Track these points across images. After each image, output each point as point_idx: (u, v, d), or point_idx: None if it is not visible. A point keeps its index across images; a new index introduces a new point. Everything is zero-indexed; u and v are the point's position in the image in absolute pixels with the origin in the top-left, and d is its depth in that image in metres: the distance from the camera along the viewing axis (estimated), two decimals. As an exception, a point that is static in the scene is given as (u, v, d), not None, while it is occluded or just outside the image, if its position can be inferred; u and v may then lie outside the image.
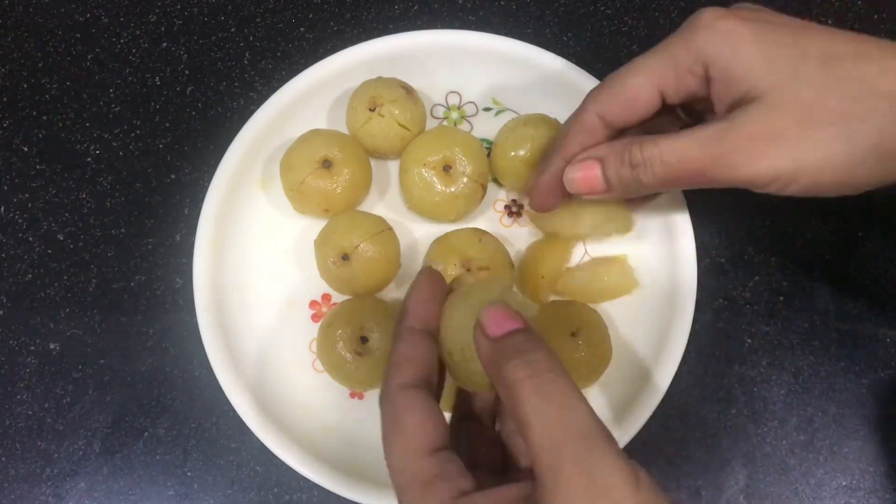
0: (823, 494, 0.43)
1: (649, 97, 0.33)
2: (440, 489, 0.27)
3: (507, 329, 0.28)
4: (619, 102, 0.34)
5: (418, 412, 0.29)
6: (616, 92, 0.34)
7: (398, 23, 0.51)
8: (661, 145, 0.32)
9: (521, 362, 0.27)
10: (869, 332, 0.45)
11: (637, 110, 0.34)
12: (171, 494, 0.44)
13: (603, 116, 0.34)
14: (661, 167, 0.32)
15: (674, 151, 0.32)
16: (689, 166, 0.32)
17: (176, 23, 0.51)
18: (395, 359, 0.30)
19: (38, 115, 0.50)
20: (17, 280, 0.47)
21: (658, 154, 0.32)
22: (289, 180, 0.43)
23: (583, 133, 0.35)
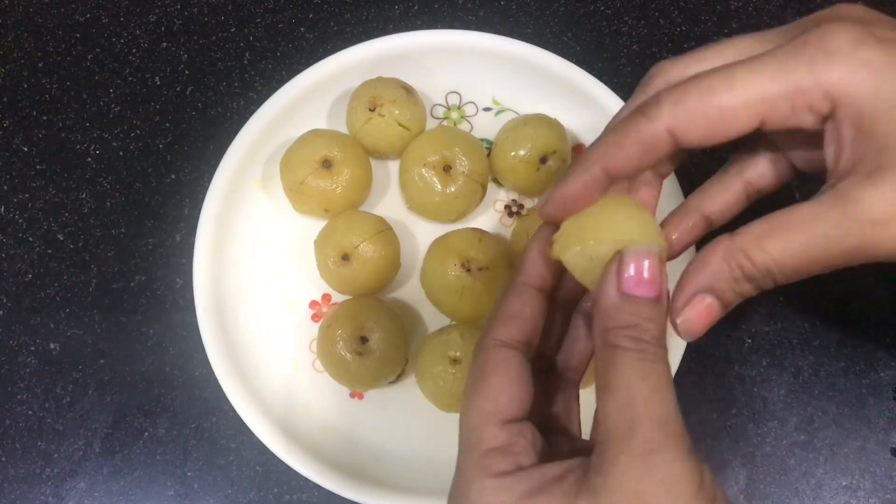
0: (823, 494, 0.43)
1: (746, 124, 0.26)
2: (498, 461, 0.25)
3: (641, 293, 0.25)
4: (706, 122, 0.26)
5: (505, 375, 0.27)
6: (705, 108, 0.26)
7: (398, 23, 0.51)
8: (775, 252, 0.25)
9: (632, 334, 0.25)
10: (869, 332, 0.45)
11: (725, 135, 0.26)
12: (171, 494, 0.44)
13: (676, 134, 0.26)
14: (782, 276, 0.26)
15: (794, 257, 0.25)
16: (816, 268, 0.26)
17: (176, 23, 0.51)
18: (501, 312, 0.28)
19: (38, 115, 0.50)
20: (17, 280, 0.47)
21: (775, 263, 0.25)
22: (289, 180, 0.43)
23: (641, 145, 0.27)
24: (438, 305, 0.43)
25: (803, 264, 0.25)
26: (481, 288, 0.41)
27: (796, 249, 0.25)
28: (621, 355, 0.25)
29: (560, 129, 0.44)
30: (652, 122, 0.26)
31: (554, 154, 0.43)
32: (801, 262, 0.25)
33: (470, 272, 0.41)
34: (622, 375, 0.24)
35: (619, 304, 0.26)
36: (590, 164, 0.27)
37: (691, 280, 0.27)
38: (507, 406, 0.27)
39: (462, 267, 0.41)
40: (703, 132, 0.26)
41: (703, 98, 0.26)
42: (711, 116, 0.26)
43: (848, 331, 0.45)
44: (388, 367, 0.41)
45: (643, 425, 0.23)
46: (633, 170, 0.27)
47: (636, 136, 0.27)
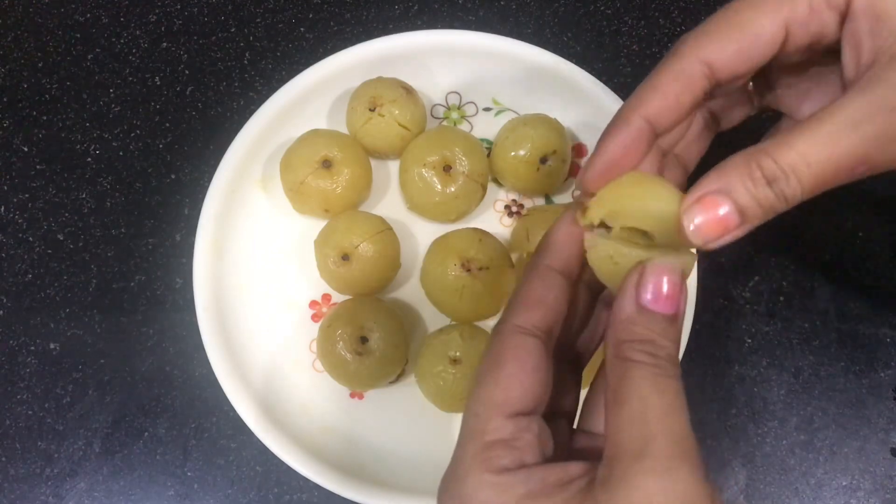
0: (823, 494, 0.43)
1: (774, 34, 0.26)
2: (499, 455, 0.24)
3: (659, 309, 0.25)
4: (735, 40, 0.26)
5: (521, 364, 0.25)
6: (730, 27, 0.26)
7: (398, 23, 0.51)
8: (800, 144, 0.24)
9: (648, 349, 0.24)
10: (869, 332, 0.45)
11: (757, 53, 0.26)
12: (171, 494, 0.44)
13: (710, 61, 0.26)
14: (808, 172, 0.24)
15: (822, 147, 0.24)
16: (846, 160, 0.24)
17: (176, 23, 0.51)
18: (522, 296, 0.27)
19: (38, 115, 0.50)
20: (17, 280, 0.47)
21: (801, 157, 0.24)
22: (289, 180, 0.43)
23: (677, 82, 0.26)
24: (438, 305, 0.43)
25: (832, 159, 0.24)
26: (481, 288, 0.41)
27: (823, 142, 0.24)
28: (635, 369, 0.24)
29: (560, 129, 0.44)
30: (683, 58, 0.26)
31: (554, 154, 0.43)
32: (829, 155, 0.24)
33: (470, 272, 0.41)
34: (636, 389, 0.23)
35: (635, 317, 0.25)
36: (629, 115, 0.26)
37: (706, 181, 0.25)
38: (519, 397, 0.25)
39: (462, 267, 0.41)
40: (734, 52, 0.26)
41: (727, 19, 0.26)
42: (738, 34, 0.26)
43: (848, 331, 0.45)
44: (388, 367, 0.41)
45: (657, 441, 0.22)
46: (673, 113, 0.26)
47: (671, 74, 0.26)
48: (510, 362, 0.25)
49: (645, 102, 0.26)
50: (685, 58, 0.26)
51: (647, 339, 0.24)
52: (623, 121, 0.27)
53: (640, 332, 0.24)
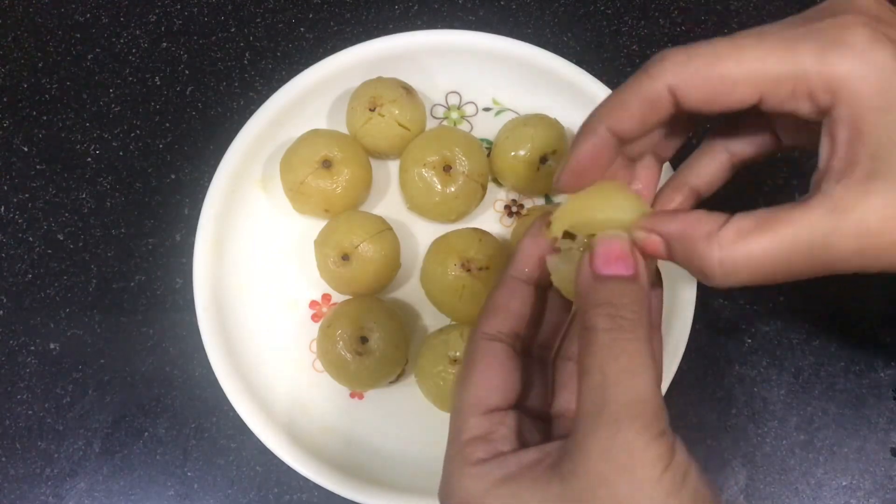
0: (823, 494, 0.43)
1: (746, 96, 0.25)
2: (476, 450, 0.26)
3: (612, 272, 0.26)
4: (707, 86, 0.25)
5: (488, 366, 0.28)
6: (708, 72, 0.25)
7: (398, 23, 0.51)
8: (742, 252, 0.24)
9: (606, 313, 0.25)
10: (869, 332, 0.45)
11: (723, 104, 0.26)
12: (171, 494, 0.44)
13: (677, 93, 0.26)
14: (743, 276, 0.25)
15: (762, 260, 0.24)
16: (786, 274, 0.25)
17: (176, 23, 0.51)
18: (488, 304, 0.30)
19: (38, 115, 0.50)
20: (17, 280, 0.47)
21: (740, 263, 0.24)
22: (289, 180, 0.43)
23: (643, 102, 0.26)
24: (438, 305, 0.43)
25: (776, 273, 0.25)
26: (481, 288, 0.41)
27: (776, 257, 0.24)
28: (595, 336, 0.25)
29: (560, 129, 0.44)
30: (654, 79, 0.26)
31: (554, 154, 0.43)
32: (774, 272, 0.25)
33: (470, 272, 0.41)
34: (595, 357, 0.25)
35: (592, 284, 0.26)
36: (595, 125, 0.27)
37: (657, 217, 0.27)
38: (489, 395, 0.27)
39: (462, 267, 0.41)
40: (702, 96, 0.25)
41: (708, 61, 0.25)
42: (713, 82, 0.25)
43: (848, 331, 0.45)
44: (388, 367, 0.41)
45: (609, 407, 0.23)
46: (636, 128, 0.27)
47: (638, 93, 0.26)
48: (478, 365, 0.28)
49: (612, 116, 0.27)
50: (655, 80, 0.26)
51: (604, 301, 0.25)
52: (589, 131, 0.28)
53: (599, 297, 0.26)
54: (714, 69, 0.25)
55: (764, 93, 0.25)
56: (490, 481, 0.25)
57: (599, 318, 0.25)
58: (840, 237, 0.23)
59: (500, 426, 0.27)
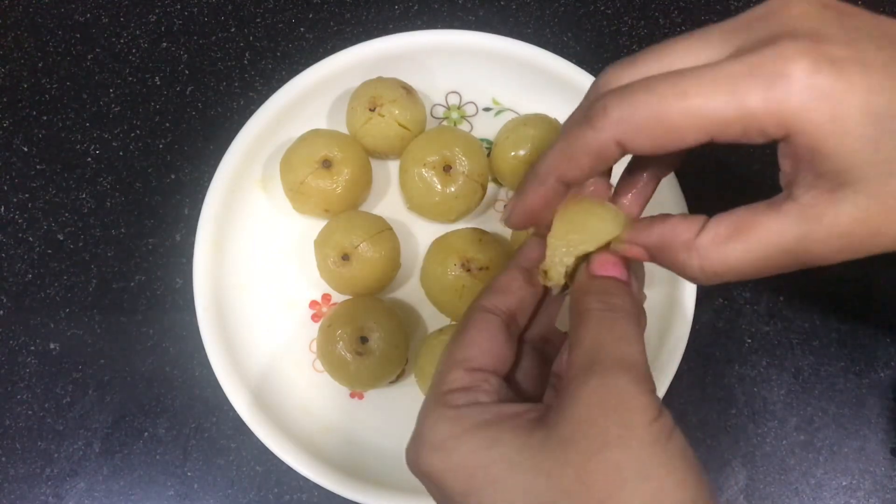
0: (823, 494, 0.43)
1: (694, 139, 0.25)
2: (457, 397, 0.26)
3: (606, 273, 0.28)
4: (653, 137, 0.25)
5: (480, 332, 0.28)
6: (653, 122, 0.25)
7: (398, 23, 0.51)
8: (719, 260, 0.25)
9: (601, 298, 0.27)
10: (869, 332, 0.45)
11: (672, 149, 0.25)
12: (171, 494, 0.44)
13: (624, 144, 0.26)
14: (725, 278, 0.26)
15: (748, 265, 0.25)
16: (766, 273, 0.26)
17: (176, 23, 0.51)
18: (492, 284, 0.31)
19: (38, 115, 0.50)
20: (17, 280, 0.47)
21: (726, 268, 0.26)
22: (289, 180, 0.43)
23: (591, 155, 0.27)
24: (438, 305, 0.43)
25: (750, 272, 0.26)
26: (481, 288, 0.41)
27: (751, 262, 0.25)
28: (589, 315, 0.26)
29: (560, 128, 0.43)
30: (598, 132, 0.26)
31: (554, 154, 0.43)
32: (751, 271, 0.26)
33: (470, 272, 0.41)
34: (588, 329, 0.26)
35: (588, 281, 0.28)
36: (544, 177, 0.28)
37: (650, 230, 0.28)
38: (477, 356, 0.28)
39: (462, 267, 0.41)
40: (650, 145, 0.25)
41: (651, 109, 0.25)
42: (660, 132, 0.25)
43: (848, 331, 0.45)
44: (388, 367, 0.41)
45: (604, 362, 0.24)
46: (586, 177, 0.28)
47: (584, 147, 0.26)
48: (470, 330, 0.29)
49: (561, 168, 0.28)
50: (601, 133, 0.26)
51: (597, 290, 0.27)
52: (539, 181, 0.29)
53: (591, 287, 0.28)
54: (660, 120, 0.25)
55: (713, 134, 0.25)
56: (466, 425, 0.25)
57: (593, 302, 0.27)
58: (815, 241, 0.25)
59: (484, 383, 0.27)
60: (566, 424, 0.24)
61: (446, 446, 0.25)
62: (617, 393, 0.24)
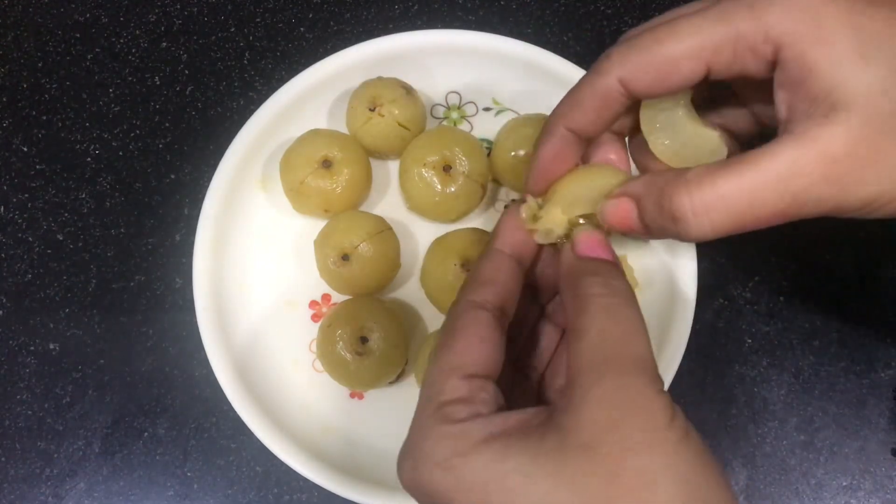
0: (823, 494, 0.43)
1: (693, 70, 0.26)
2: (457, 410, 0.25)
3: (595, 255, 0.27)
4: (653, 70, 0.26)
5: (473, 334, 0.27)
6: (652, 57, 0.26)
7: (398, 23, 0.51)
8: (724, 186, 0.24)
9: (600, 281, 0.26)
10: (869, 332, 0.45)
11: (673, 83, 0.26)
12: (171, 494, 0.44)
13: (627, 83, 0.27)
14: (726, 214, 0.25)
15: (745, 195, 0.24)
16: (765, 213, 0.25)
17: (176, 23, 0.51)
18: (475, 275, 0.29)
19: (37, 115, 0.50)
20: (17, 280, 0.47)
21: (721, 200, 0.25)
22: (289, 180, 0.43)
23: (596, 99, 0.27)
24: (438, 305, 0.43)
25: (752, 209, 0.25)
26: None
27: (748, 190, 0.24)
28: (591, 301, 0.25)
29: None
30: (602, 75, 0.27)
31: (554, 154, 0.43)
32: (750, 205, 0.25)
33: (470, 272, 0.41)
34: (594, 319, 0.25)
35: (579, 262, 0.27)
36: (553, 127, 0.29)
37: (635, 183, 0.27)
38: (473, 362, 0.26)
39: (462, 267, 0.41)
40: (651, 80, 0.26)
41: (649, 47, 0.26)
42: (658, 64, 0.26)
43: (848, 331, 0.45)
44: (388, 367, 0.41)
45: (617, 360, 0.24)
46: (594, 125, 0.28)
47: (590, 91, 0.27)
48: (461, 331, 0.27)
49: (567, 116, 0.28)
50: (605, 76, 0.27)
51: (595, 272, 0.26)
52: (549, 132, 0.29)
53: (587, 269, 0.27)
54: (657, 53, 0.26)
55: (708, 62, 0.26)
56: (472, 441, 0.24)
57: (594, 286, 0.26)
58: (806, 164, 0.24)
59: (481, 392, 0.26)
60: (583, 429, 0.23)
61: (453, 464, 0.24)
62: (635, 394, 0.23)
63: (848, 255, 0.46)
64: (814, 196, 0.24)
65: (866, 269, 0.46)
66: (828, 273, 0.46)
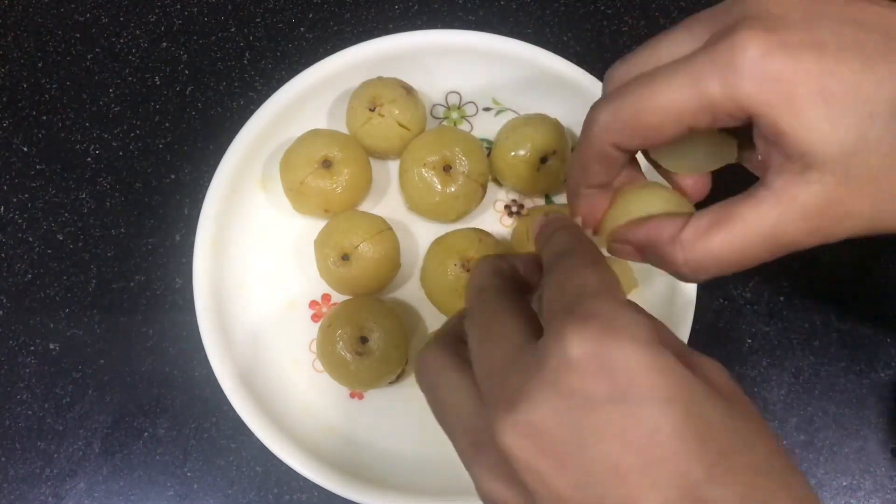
0: (823, 494, 0.43)
1: (675, 132, 0.27)
2: None
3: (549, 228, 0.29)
4: (639, 136, 0.28)
5: None
6: (636, 123, 0.28)
7: (398, 23, 0.51)
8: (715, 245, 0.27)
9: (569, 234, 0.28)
10: (869, 332, 0.45)
11: (660, 140, 0.28)
12: (171, 494, 0.44)
13: (620, 146, 0.28)
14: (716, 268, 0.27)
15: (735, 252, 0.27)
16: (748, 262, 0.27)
17: (176, 23, 0.51)
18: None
19: (38, 115, 0.50)
20: (17, 280, 0.47)
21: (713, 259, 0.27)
22: (289, 180, 0.43)
23: (600, 162, 0.30)
24: (438, 305, 0.43)
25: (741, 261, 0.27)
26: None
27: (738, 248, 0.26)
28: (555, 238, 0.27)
29: (560, 129, 0.44)
30: (596, 142, 0.29)
31: (554, 154, 0.43)
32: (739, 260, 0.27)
33: (470, 272, 0.41)
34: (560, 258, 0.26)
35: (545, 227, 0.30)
36: (574, 190, 0.31)
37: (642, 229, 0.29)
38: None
39: (462, 267, 0.41)
40: (641, 141, 0.28)
41: (629, 111, 0.27)
42: (643, 131, 0.27)
43: (848, 331, 0.45)
44: (388, 367, 0.41)
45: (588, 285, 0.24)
46: (608, 176, 0.30)
47: (590, 157, 0.29)
48: None
49: (583, 179, 0.31)
50: (599, 144, 0.29)
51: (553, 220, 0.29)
52: (575, 196, 0.31)
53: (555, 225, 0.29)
54: (639, 119, 0.27)
55: (691, 124, 0.27)
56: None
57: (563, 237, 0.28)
58: (788, 224, 0.26)
59: None
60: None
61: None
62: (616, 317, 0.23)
63: (848, 255, 0.46)
64: (799, 242, 0.26)
65: (866, 269, 0.46)
66: (828, 273, 0.46)
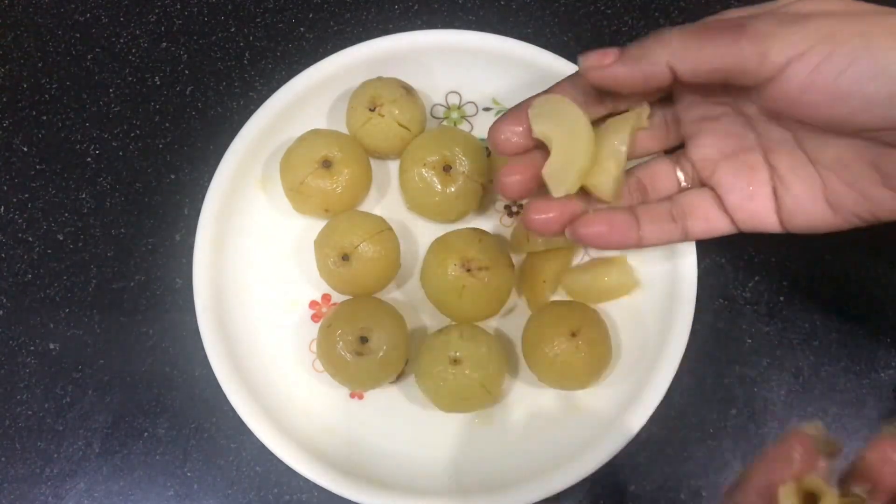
0: (823, 494, 0.43)
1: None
2: None
3: None
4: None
5: None
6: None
7: (398, 23, 0.51)
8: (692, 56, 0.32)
9: None
10: (869, 332, 0.45)
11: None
12: (171, 495, 0.44)
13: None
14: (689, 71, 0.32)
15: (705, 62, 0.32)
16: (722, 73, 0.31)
17: (176, 23, 0.51)
18: None
19: (37, 115, 0.50)
20: (17, 280, 0.47)
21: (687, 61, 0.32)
22: (289, 180, 0.43)
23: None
24: (438, 305, 0.43)
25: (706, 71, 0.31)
26: (481, 288, 0.41)
27: (705, 61, 0.31)
28: None
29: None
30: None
31: (554, 154, 0.43)
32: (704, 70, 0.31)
33: (470, 272, 0.41)
34: None
35: None
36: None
37: None
38: None
39: (462, 267, 0.41)
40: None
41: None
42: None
43: (848, 331, 0.45)
44: (388, 367, 0.41)
45: None
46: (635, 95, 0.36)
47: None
48: None
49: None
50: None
51: None
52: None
53: None
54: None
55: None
56: None
57: None
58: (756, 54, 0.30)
59: None
60: None
61: None
62: None
63: (848, 255, 0.46)
64: (756, 76, 0.31)
65: (866, 270, 0.46)
66: (828, 273, 0.46)
